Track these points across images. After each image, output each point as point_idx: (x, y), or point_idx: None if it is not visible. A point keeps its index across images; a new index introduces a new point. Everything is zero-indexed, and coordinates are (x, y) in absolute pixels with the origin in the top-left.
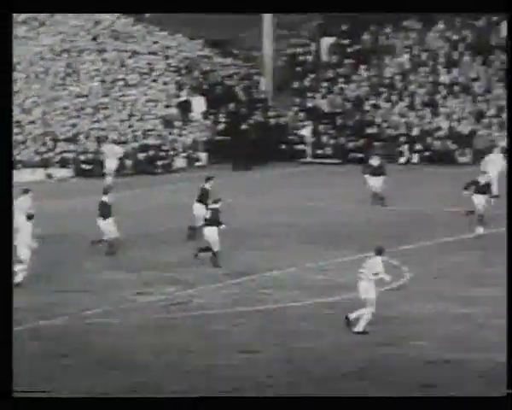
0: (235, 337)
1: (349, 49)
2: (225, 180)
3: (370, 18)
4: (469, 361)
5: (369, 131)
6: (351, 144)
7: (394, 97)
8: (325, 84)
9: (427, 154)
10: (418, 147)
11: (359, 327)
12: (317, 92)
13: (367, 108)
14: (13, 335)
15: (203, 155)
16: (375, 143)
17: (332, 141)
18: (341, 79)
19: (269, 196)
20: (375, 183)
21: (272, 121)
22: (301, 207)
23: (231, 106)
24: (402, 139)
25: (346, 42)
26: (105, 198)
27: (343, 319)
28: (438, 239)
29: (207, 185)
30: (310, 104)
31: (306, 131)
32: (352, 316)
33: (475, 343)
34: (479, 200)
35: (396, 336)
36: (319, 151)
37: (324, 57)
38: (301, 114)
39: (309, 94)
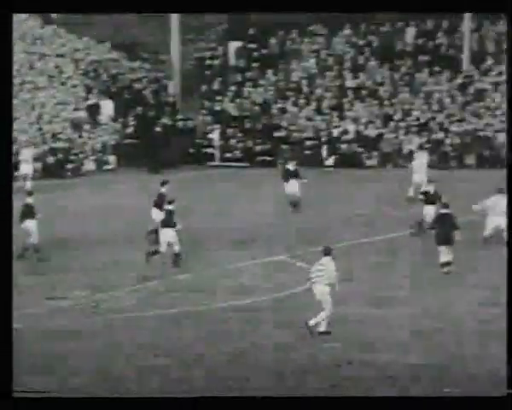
0: (144, 341)
1: (256, 54)
2: (137, 184)
3: (277, 22)
4: (378, 362)
5: (277, 134)
6: (258, 148)
7: (301, 101)
8: (233, 87)
9: (335, 157)
10: (326, 150)
11: (322, 327)
12: (225, 96)
13: (274, 111)
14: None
15: (112, 158)
16: (283, 147)
17: (240, 144)
18: (249, 83)
19: (178, 199)
20: (292, 187)
21: (181, 125)
22: (209, 210)
23: (140, 109)
24: (309, 143)
25: (253, 46)
26: (29, 200)
27: (254, 321)
28: (350, 241)
29: (163, 189)
30: (218, 108)
31: (215, 135)
32: (311, 323)
33: (386, 345)
34: (428, 210)
35: (307, 337)
36: (228, 155)
37: (232, 61)
38: (209, 118)
39: (217, 98)
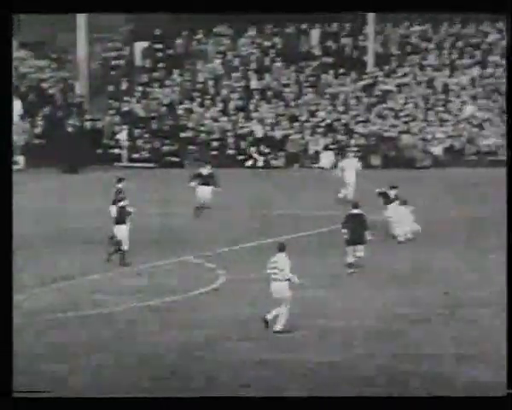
0: (55, 342)
1: (162, 54)
2: (47, 184)
3: (182, 23)
4: (286, 362)
5: (184, 135)
6: (166, 148)
7: (207, 102)
8: (140, 88)
9: (241, 157)
10: (232, 151)
11: (279, 326)
12: (132, 96)
13: (181, 112)
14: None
15: (21, 159)
16: (190, 147)
17: (147, 145)
18: (155, 84)
19: (87, 200)
20: (204, 192)
21: (88, 125)
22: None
23: (47, 109)
24: (215, 144)
25: (159, 46)
26: None
27: (164, 321)
28: (256, 241)
29: (120, 186)
30: (125, 108)
31: (122, 135)
32: (269, 317)
33: (292, 344)
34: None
35: (212, 337)
36: (135, 155)
37: (138, 61)
38: (117, 118)
39: (124, 98)
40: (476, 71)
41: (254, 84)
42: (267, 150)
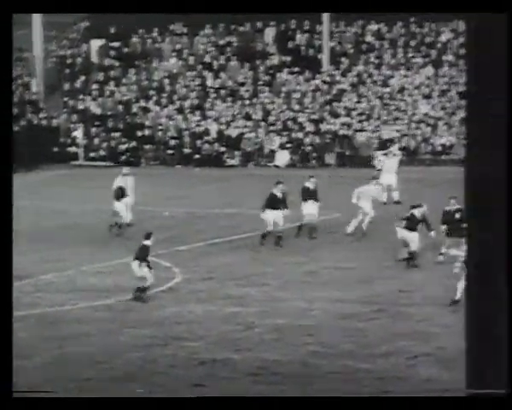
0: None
1: (118, 52)
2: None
3: (138, 21)
4: (239, 361)
5: (140, 133)
6: (122, 147)
7: (164, 100)
8: (96, 86)
9: (197, 156)
10: (188, 150)
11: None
12: (88, 95)
13: (137, 110)
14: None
15: None
16: (146, 147)
17: (104, 143)
18: (112, 82)
19: (43, 198)
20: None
21: (44, 123)
22: (74, 209)
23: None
24: (172, 142)
25: (116, 44)
26: None
27: (117, 321)
28: (209, 240)
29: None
30: (81, 106)
31: (78, 134)
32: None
33: (246, 343)
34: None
35: (167, 336)
36: (92, 154)
37: (94, 59)
38: (73, 116)
39: (80, 96)
40: (431, 70)
41: (210, 82)
42: (222, 149)
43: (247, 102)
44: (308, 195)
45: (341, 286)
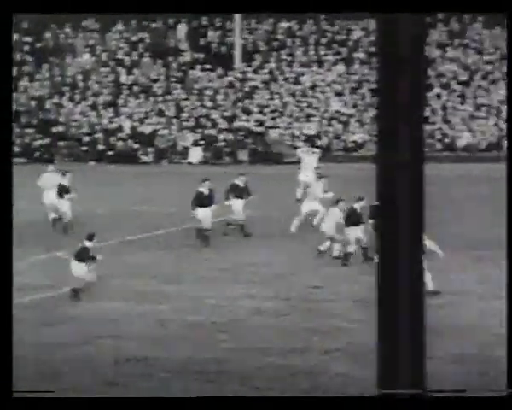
0: None
1: (31, 47)
2: None
3: (51, 16)
4: (154, 359)
5: (54, 130)
6: (36, 143)
7: (77, 97)
8: None
9: (110, 153)
10: (102, 147)
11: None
12: None
13: (51, 106)
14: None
15: None
16: (60, 143)
17: (18, 140)
18: (25, 78)
19: None
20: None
21: None
22: None
23: None
24: (86, 139)
25: (29, 40)
26: None
27: (38, 319)
28: (124, 237)
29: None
30: None
31: None
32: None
33: (161, 340)
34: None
35: (82, 334)
36: None
37: None
38: None
39: None
40: (342, 68)
41: (123, 79)
42: (136, 146)
43: (160, 98)
44: (234, 192)
45: (256, 283)
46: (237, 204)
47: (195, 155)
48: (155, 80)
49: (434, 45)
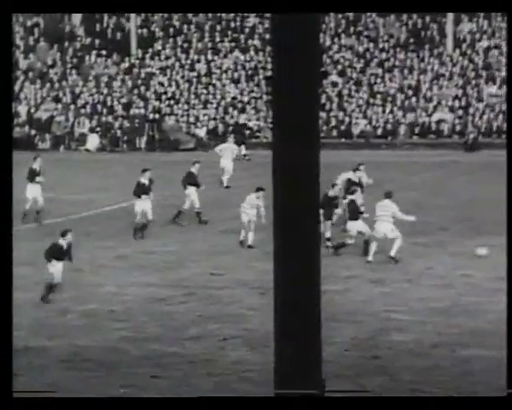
0: None
1: None
2: None
3: None
4: (51, 348)
5: None
6: None
7: None
8: None
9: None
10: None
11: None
12: None
13: None
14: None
15: None
16: None
17: None
18: None
19: None
20: None
21: None
22: None
23: None
24: None
25: None
26: None
27: None
28: (22, 225)
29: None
30: None
31: None
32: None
33: (59, 329)
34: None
35: None
36: None
37: None
38: None
39: None
40: (238, 55)
41: (20, 64)
42: (33, 132)
43: (57, 84)
44: (189, 181)
45: (154, 270)
46: (193, 192)
47: (93, 142)
48: (51, 66)
49: (329, 33)
